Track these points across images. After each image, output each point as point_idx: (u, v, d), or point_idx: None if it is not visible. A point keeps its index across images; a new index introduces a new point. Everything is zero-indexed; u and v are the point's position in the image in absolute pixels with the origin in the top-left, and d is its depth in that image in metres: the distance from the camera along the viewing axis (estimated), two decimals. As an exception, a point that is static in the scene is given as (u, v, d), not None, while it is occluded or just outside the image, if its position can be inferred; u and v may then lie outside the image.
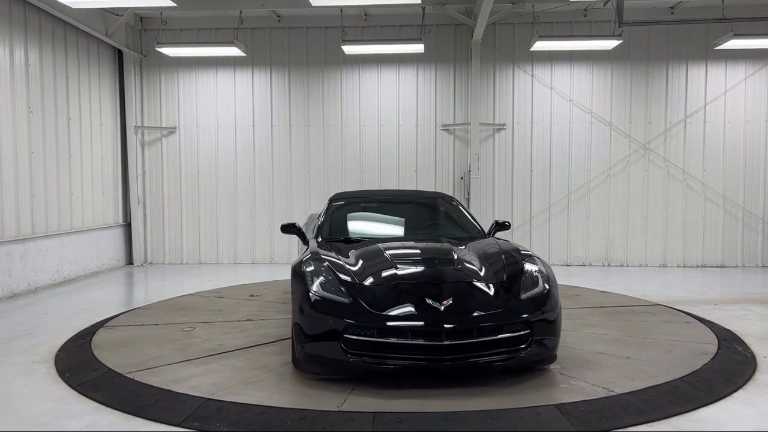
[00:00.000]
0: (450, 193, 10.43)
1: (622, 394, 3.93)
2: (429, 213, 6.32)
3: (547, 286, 4.35)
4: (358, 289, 4.18)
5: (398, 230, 5.98)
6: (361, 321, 3.96)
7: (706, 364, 4.56)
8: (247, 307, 6.65)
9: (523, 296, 4.23)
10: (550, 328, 4.22)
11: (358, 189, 10.41)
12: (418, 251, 5.01)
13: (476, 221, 6.09)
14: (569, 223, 10.51)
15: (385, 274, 4.36)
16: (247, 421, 3.57)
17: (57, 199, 8.74)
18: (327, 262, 4.48)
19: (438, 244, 5.19)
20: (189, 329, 5.63)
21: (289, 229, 5.82)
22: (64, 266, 8.85)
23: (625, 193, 10.43)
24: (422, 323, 3.93)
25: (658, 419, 3.61)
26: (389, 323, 3.94)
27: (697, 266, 10.37)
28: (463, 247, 5.06)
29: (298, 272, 4.45)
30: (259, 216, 10.78)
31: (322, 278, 4.26)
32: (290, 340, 5.10)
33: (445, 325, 3.89)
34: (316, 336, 4.05)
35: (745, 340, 5.36)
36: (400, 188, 10.51)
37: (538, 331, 4.12)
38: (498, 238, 5.61)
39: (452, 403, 3.81)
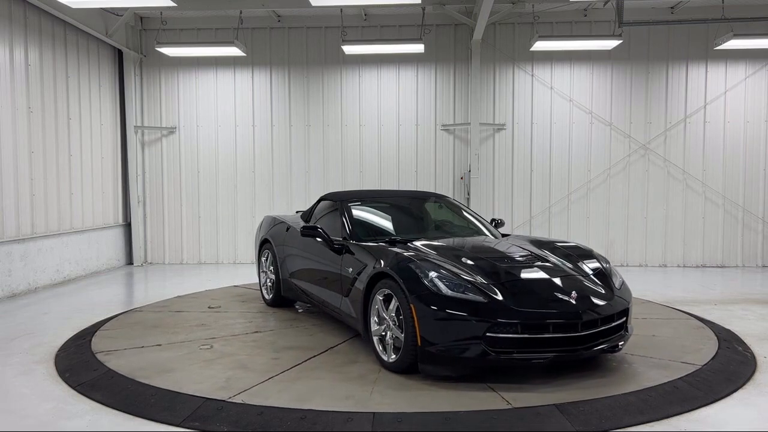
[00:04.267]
0: (450, 194, 10.48)
1: (624, 394, 3.94)
2: (445, 212, 6.36)
3: (621, 277, 4.88)
4: (483, 288, 4.17)
5: (428, 229, 5.92)
6: (505, 319, 4.00)
7: (706, 364, 4.57)
8: (231, 320, 6.09)
9: (617, 285, 4.66)
10: (631, 314, 4.67)
11: (358, 189, 10.40)
12: (496, 249, 5.08)
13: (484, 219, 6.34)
14: (569, 223, 10.52)
15: (496, 271, 4.43)
16: (246, 421, 3.57)
17: (57, 199, 8.74)
18: (433, 262, 4.40)
19: (502, 242, 5.42)
20: (208, 347, 5.08)
21: (311, 231, 5.50)
22: (64, 266, 8.85)
23: (625, 193, 10.43)
24: (564, 317, 4.10)
25: (658, 419, 3.61)
26: (534, 319, 4.04)
27: (697, 266, 10.37)
28: (523, 243, 5.34)
29: (404, 273, 4.27)
30: (258, 216, 10.76)
31: (441, 278, 4.19)
32: (340, 346, 5.10)
33: (583, 317, 4.13)
34: (453, 337, 4.02)
35: (745, 340, 5.37)
36: (400, 188, 10.52)
37: (629, 317, 4.60)
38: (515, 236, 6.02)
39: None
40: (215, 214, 10.85)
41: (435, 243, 5.13)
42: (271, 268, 6.74)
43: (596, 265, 4.86)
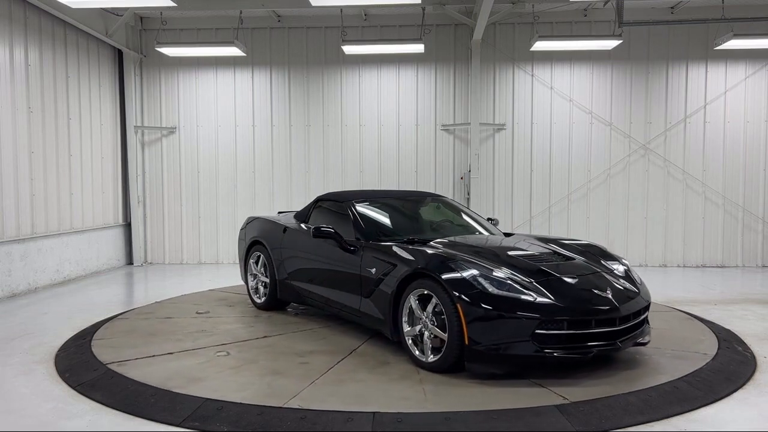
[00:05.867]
0: (450, 194, 10.49)
1: (624, 394, 3.94)
2: (446, 212, 6.35)
3: (638, 274, 4.99)
4: (526, 285, 4.21)
5: (434, 228, 5.91)
6: (553, 316, 4.06)
7: (706, 364, 4.57)
8: (230, 325, 5.87)
9: (639, 281, 4.79)
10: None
11: (356, 189, 10.40)
12: (515, 247, 5.11)
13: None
14: (569, 223, 10.51)
15: (529, 269, 4.45)
16: (247, 421, 3.57)
17: (57, 199, 8.74)
18: (473, 261, 4.40)
19: (517, 240, 5.51)
20: (224, 353, 4.89)
21: (324, 233, 5.31)
22: (64, 266, 8.85)
23: (625, 193, 10.43)
24: (605, 312, 4.20)
25: (658, 419, 3.61)
26: (580, 315, 4.14)
27: (697, 266, 10.37)
28: (535, 241, 5.44)
29: (446, 273, 4.24)
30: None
31: (485, 277, 4.20)
32: (361, 348, 5.04)
33: (622, 312, 4.26)
34: (502, 336, 4.05)
35: (745, 340, 5.37)
36: (400, 189, 10.52)
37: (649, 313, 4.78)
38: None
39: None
40: (215, 214, 10.84)
41: (452, 241, 5.13)
42: (262, 270, 6.54)
43: (616, 262, 5.00)
